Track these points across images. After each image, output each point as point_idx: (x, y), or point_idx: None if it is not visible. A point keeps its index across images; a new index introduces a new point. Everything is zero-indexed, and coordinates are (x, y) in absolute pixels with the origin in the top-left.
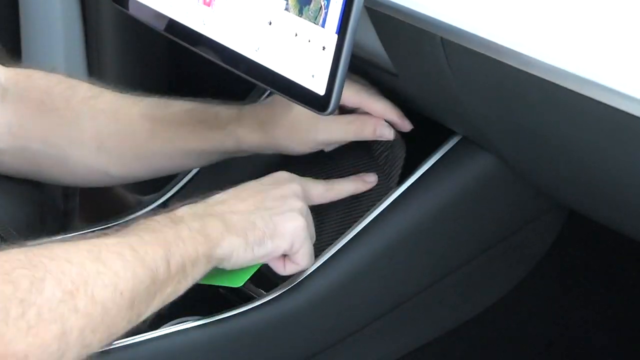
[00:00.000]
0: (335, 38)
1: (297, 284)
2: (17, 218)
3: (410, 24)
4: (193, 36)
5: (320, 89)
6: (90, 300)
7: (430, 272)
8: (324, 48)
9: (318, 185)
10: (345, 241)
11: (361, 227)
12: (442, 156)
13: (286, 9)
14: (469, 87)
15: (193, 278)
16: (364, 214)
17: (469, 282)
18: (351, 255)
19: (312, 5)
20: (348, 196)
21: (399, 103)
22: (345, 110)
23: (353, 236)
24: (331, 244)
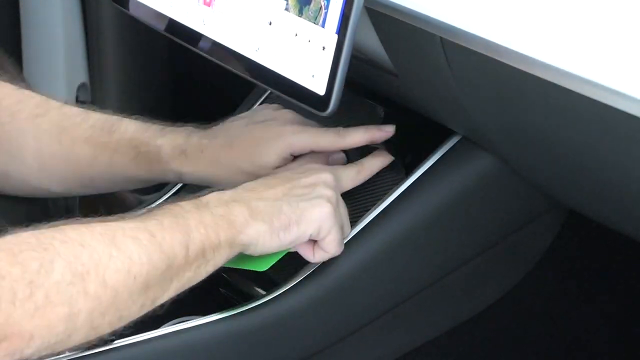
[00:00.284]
0: (335, 38)
1: (297, 284)
2: (17, 218)
3: (410, 24)
4: (193, 36)
5: (320, 89)
6: (101, 283)
7: (430, 272)
8: (324, 48)
9: (348, 170)
10: (345, 241)
11: (360, 228)
12: (442, 156)
13: (286, 9)
14: (469, 87)
15: (215, 264)
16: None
17: (468, 282)
18: (350, 256)
19: (312, 5)
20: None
21: (399, 103)
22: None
23: (352, 236)
24: None
